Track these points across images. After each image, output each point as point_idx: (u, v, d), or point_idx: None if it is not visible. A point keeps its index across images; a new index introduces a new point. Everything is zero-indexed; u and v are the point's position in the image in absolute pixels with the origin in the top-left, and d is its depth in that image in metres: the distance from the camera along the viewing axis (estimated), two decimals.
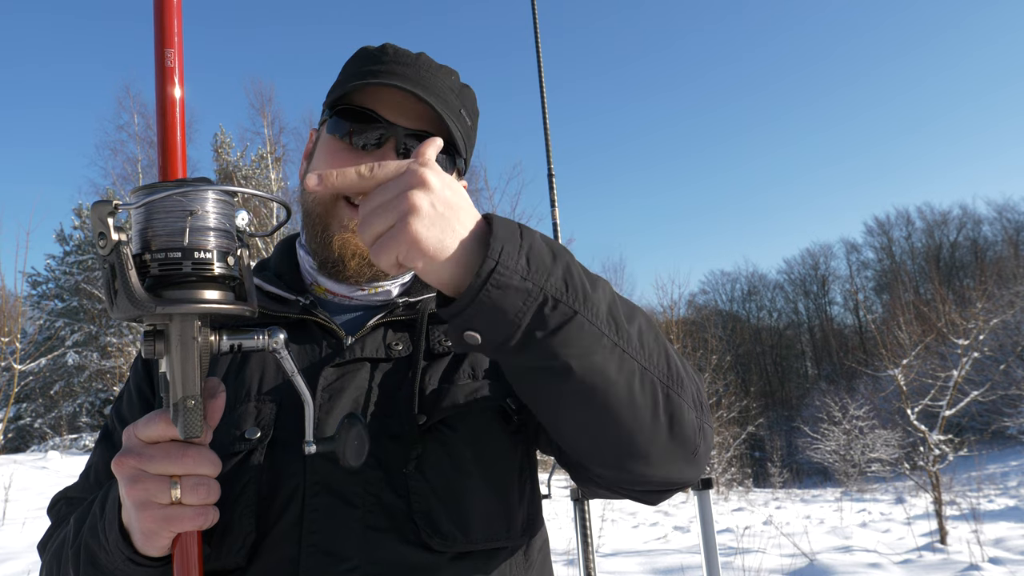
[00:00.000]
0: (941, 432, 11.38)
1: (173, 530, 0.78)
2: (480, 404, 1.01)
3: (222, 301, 0.75)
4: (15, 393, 14.73)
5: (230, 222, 0.77)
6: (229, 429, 0.97)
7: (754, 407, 33.49)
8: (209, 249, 0.74)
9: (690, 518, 15.15)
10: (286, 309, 1.07)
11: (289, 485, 0.94)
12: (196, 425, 0.76)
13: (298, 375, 0.84)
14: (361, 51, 1.13)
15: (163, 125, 0.77)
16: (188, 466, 0.77)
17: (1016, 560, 7.85)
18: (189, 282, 0.73)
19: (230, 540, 0.91)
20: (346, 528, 0.92)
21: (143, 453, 0.78)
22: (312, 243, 1.10)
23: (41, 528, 7.86)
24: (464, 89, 1.14)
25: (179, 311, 0.73)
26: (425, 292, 1.12)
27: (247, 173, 30.35)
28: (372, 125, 1.05)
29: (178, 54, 0.77)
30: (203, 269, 0.74)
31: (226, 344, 0.79)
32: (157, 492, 0.77)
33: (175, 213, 0.73)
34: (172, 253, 0.72)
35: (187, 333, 0.75)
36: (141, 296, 0.71)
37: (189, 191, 0.73)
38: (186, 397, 0.75)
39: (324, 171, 0.73)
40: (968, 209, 64.04)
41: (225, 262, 0.75)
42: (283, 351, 0.82)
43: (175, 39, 0.77)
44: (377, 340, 1.06)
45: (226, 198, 0.76)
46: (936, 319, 15.01)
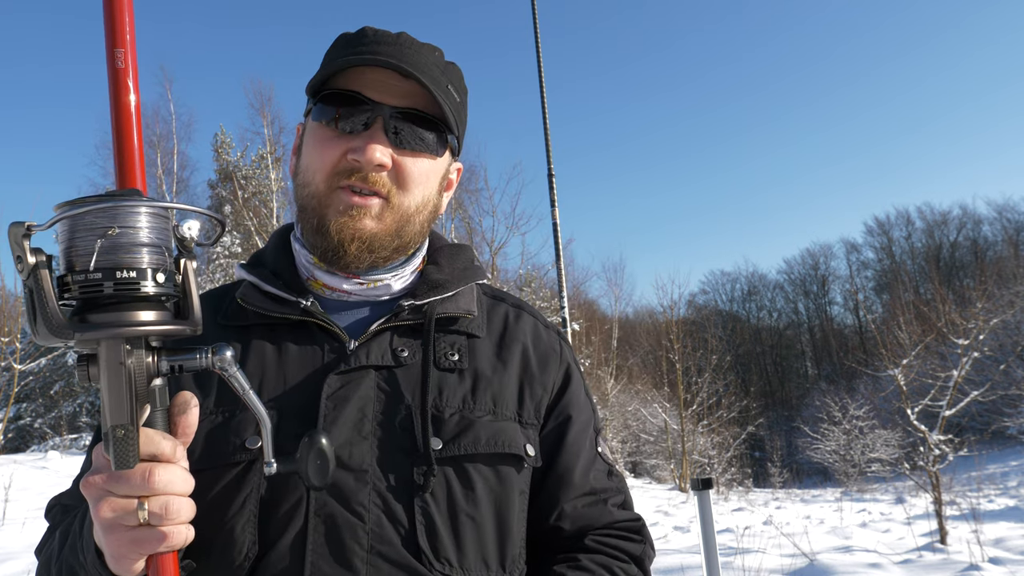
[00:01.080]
0: (941, 432, 11.37)
1: (142, 553, 0.75)
2: (501, 444, 1.00)
3: (153, 322, 0.71)
4: (15, 393, 14.72)
5: (163, 235, 0.73)
6: (229, 438, 0.94)
7: (754, 407, 33.52)
8: (136, 267, 0.69)
9: (690, 518, 15.14)
10: (286, 310, 1.03)
11: (292, 497, 0.91)
12: (126, 456, 0.71)
13: (250, 392, 0.81)
14: (340, 37, 1.10)
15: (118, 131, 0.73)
16: (156, 487, 0.73)
17: (1016, 560, 7.85)
18: (114, 304, 0.69)
19: (232, 553, 0.89)
20: (350, 544, 0.90)
21: (109, 474, 0.74)
22: (309, 235, 1.06)
23: (41, 528, 7.83)
24: (450, 66, 1.10)
25: (100, 336, 0.69)
26: (432, 294, 1.08)
27: (247, 173, 30.34)
28: (358, 107, 1.01)
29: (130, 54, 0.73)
30: (129, 289, 0.69)
31: (165, 366, 0.75)
32: (124, 515, 0.74)
33: (94, 230, 0.68)
34: (92, 275, 0.68)
35: (113, 358, 0.71)
36: (59, 322, 0.67)
37: (110, 206, 0.68)
38: (115, 426, 0.71)
39: None
40: (968, 209, 64.01)
41: (155, 280, 0.71)
42: (230, 368, 0.78)
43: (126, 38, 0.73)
44: (383, 346, 1.02)
45: (159, 211, 0.72)
46: (936, 319, 15.01)
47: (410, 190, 1.04)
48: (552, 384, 1.11)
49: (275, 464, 0.81)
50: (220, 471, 0.93)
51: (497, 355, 1.09)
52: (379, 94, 1.01)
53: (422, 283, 1.10)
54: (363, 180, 1.01)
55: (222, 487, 0.92)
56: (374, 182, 1.01)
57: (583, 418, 1.13)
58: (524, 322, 1.16)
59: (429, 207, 1.09)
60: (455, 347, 1.06)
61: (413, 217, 1.06)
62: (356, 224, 1.01)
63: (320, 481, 0.81)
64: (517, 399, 1.06)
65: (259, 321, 1.05)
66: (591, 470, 1.11)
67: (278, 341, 1.03)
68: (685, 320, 36.87)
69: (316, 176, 1.03)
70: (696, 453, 26.78)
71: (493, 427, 1.00)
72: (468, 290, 1.13)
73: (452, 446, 0.97)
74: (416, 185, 1.05)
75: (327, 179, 1.02)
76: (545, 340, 1.15)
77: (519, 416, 1.05)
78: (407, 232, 1.06)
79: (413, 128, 1.03)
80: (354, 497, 0.91)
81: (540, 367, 1.11)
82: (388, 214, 1.03)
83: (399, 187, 1.03)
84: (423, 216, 1.08)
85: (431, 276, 1.11)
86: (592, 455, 1.12)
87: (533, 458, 1.04)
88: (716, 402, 28.84)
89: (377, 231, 1.02)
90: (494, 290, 1.22)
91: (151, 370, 0.74)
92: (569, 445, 1.09)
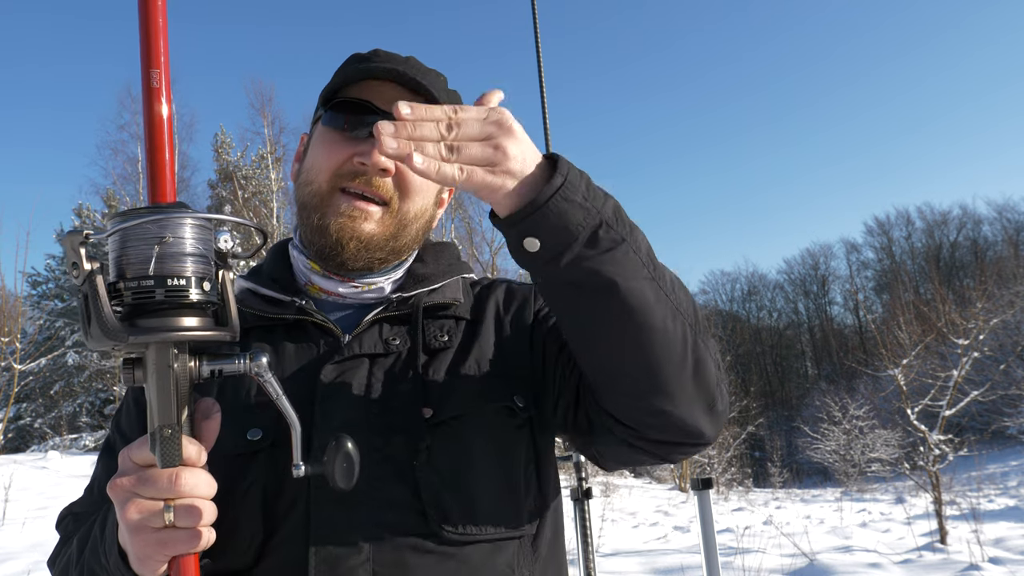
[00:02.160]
0: (941, 432, 11.37)
1: (167, 554, 0.78)
2: (488, 399, 1.02)
3: (199, 328, 0.75)
4: (15, 393, 14.72)
5: (207, 246, 0.77)
6: (234, 429, 0.97)
7: (754, 407, 33.46)
8: (184, 276, 0.73)
9: (690, 518, 15.14)
10: (281, 311, 1.07)
11: (295, 484, 0.93)
12: (173, 455, 0.75)
13: (283, 398, 0.84)
14: (352, 55, 1.15)
15: (151, 147, 0.76)
16: (182, 490, 0.76)
17: (1016, 560, 7.85)
18: (163, 310, 0.73)
19: (237, 540, 0.91)
20: (353, 524, 0.92)
21: (137, 476, 0.77)
22: (308, 234, 1.09)
23: (41, 528, 7.85)
24: (453, 93, 1.15)
25: (152, 340, 0.72)
26: (418, 287, 1.12)
27: (247, 173, 30.34)
28: (367, 115, 1.04)
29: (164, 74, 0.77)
30: (178, 296, 0.73)
31: (206, 370, 0.78)
32: (151, 516, 0.76)
33: (147, 240, 0.72)
34: (145, 281, 0.72)
35: (162, 361, 0.75)
36: (114, 326, 0.70)
37: (162, 218, 0.73)
38: (163, 426, 0.75)
39: (411, 104, 0.76)
40: (968, 209, 64.11)
41: (201, 288, 0.75)
42: (266, 374, 0.82)
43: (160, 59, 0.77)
44: (374, 336, 1.06)
45: (204, 223, 0.76)
46: (936, 319, 15.01)
47: (411, 197, 1.08)
48: (531, 311, 1.14)
49: (303, 466, 0.84)
50: (224, 461, 0.94)
51: (481, 326, 1.11)
52: (388, 105, 1.04)
53: (409, 278, 1.15)
54: (367, 184, 1.05)
55: (224, 477, 0.93)
56: (378, 187, 1.05)
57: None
58: (497, 286, 1.20)
59: (426, 216, 1.13)
60: (444, 329, 1.09)
61: (411, 224, 1.10)
62: (355, 225, 1.05)
63: (346, 483, 0.84)
64: (500, 354, 1.08)
65: (257, 323, 1.07)
66: None
67: (276, 341, 1.06)
68: None
69: (320, 175, 1.07)
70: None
71: (479, 385, 1.03)
72: (454, 282, 1.17)
73: (442, 411, 0.99)
74: (417, 193, 1.09)
75: (331, 179, 1.06)
76: (517, 291, 1.18)
77: (504, 369, 1.07)
78: (404, 236, 1.10)
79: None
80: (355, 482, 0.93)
81: (517, 310, 1.14)
82: (388, 218, 1.07)
83: (401, 194, 1.07)
84: (419, 224, 1.12)
85: (417, 271, 1.16)
86: None
87: (524, 408, 1.05)
88: None
89: (376, 233, 1.06)
90: (482, 281, 1.25)
91: (193, 374, 0.78)
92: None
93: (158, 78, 0.76)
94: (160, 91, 0.76)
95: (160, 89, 0.76)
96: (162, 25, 0.77)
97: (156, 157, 0.77)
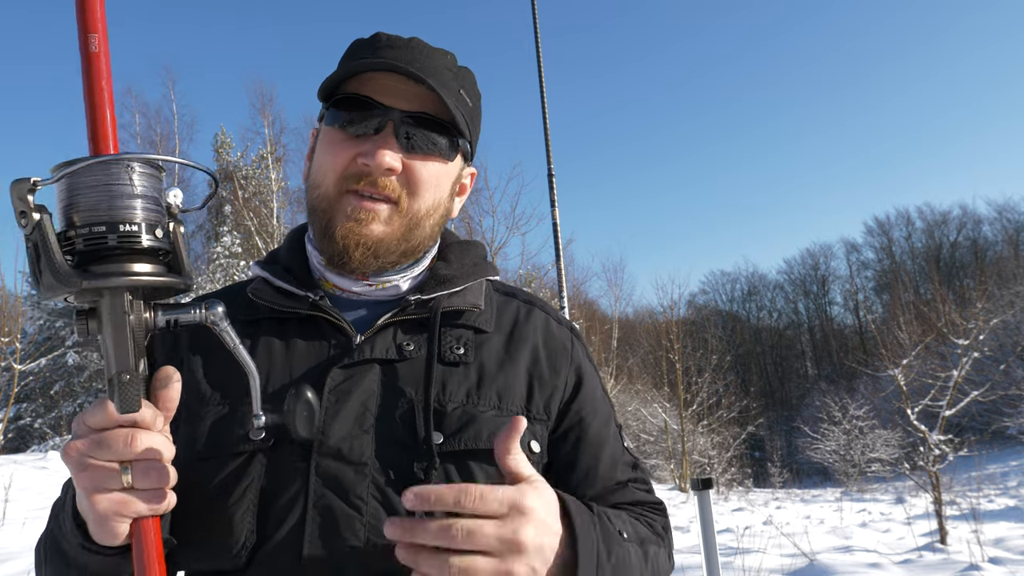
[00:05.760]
0: (941, 432, 11.36)
1: (126, 515, 0.76)
2: None
3: (153, 273, 0.73)
4: (15, 393, 14.72)
5: (158, 194, 0.75)
6: (233, 428, 0.95)
7: (754, 407, 33.46)
8: (135, 221, 0.72)
9: (690, 518, 15.13)
10: (295, 304, 1.04)
11: (292, 488, 0.92)
12: (133, 399, 0.73)
13: (240, 347, 0.83)
14: (354, 43, 1.10)
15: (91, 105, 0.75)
16: (138, 451, 0.74)
17: (1016, 560, 7.85)
18: (116, 256, 0.72)
19: (230, 541, 0.90)
20: (347, 536, 0.90)
21: (90, 439, 0.76)
22: (318, 239, 1.07)
23: (41, 528, 7.83)
24: (462, 70, 1.09)
25: (107, 285, 0.71)
26: (439, 289, 1.08)
27: (247, 173, 30.36)
28: (369, 112, 1.01)
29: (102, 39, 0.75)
30: (130, 242, 0.72)
31: (162, 320, 0.77)
32: (106, 478, 0.75)
33: (97, 187, 0.71)
34: (96, 227, 0.71)
35: (118, 308, 0.73)
36: (66, 272, 0.69)
37: (109, 161, 0.71)
38: (120, 371, 0.73)
39: (419, 492, 0.76)
40: (968, 209, 64.01)
41: (153, 234, 0.73)
42: (221, 323, 0.80)
43: (98, 24, 0.75)
44: (387, 340, 1.02)
45: (152, 171, 0.75)
46: (936, 319, 15.02)
47: (420, 194, 1.04)
48: (564, 383, 1.10)
49: (263, 416, 0.83)
50: (223, 460, 0.93)
51: (505, 350, 1.07)
52: (390, 98, 1.01)
53: (430, 279, 1.10)
54: (372, 185, 1.01)
55: (224, 476, 0.93)
56: (384, 186, 1.01)
57: (602, 413, 1.12)
58: (535, 318, 1.14)
59: (440, 211, 1.09)
60: (461, 341, 1.05)
61: (423, 221, 1.06)
62: (362, 229, 1.01)
63: (307, 432, 0.83)
64: (526, 394, 1.05)
65: (269, 315, 1.05)
66: (617, 464, 1.10)
67: (286, 335, 1.04)
68: (685, 320, 36.87)
69: (327, 179, 1.04)
70: (696, 453, 26.78)
71: (496, 422, 0.99)
72: (476, 285, 1.13)
73: (453, 440, 0.96)
74: (426, 189, 1.04)
75: (337, 182, 1.02)
76: (557, 337, 1.14)
77: (527, 410, 1.04)
78: (415, 236, 1.06)
79: (424, 132, 1.03)
80: (353, 490, 0.92)
81: (550, 365, 1.09)
82: (397, 218, 1.03)
83: (409, 191, 1.03)
84: (433, 220, 1.08)
85: (439, 272, 1.11)
86: (617, 449, 1.12)
87: (538, 455, 1.03)
88: (716, 402, 28.84)
89: (384, 236, 1.02)
90: (506, 286, 1.21)
91: (149, 324, 0.76)
92: (591, 441, 1.08)
93: (96, 42, 0.75)
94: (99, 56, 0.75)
95: (99, 54, 0.75)
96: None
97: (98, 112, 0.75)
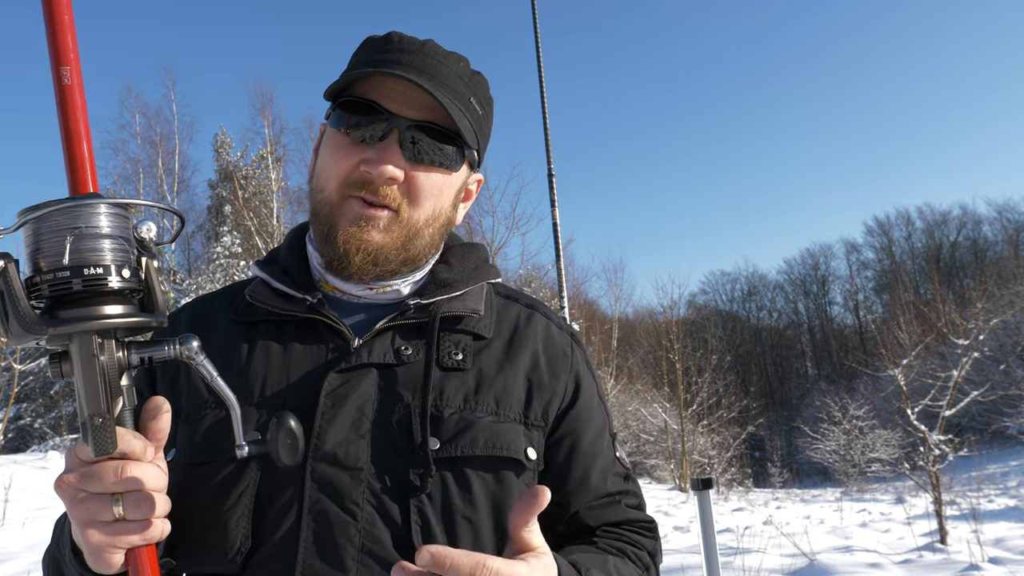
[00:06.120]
0: (941, 432, 11.36)
1: (119, 547, 0.76)
2: (502, 447, 0.99)
3: (123, 315, 0.73)
4: (15, 393, 14.72)
5: (125, 233, 0.76)
6: (229, 433, 0.94)
7: (754, 407, 33.48)
8: (102, 264, 0.72)
9: (690, 518, 15.14)
10: (293, 307, 1.04)
11: (287, 493, 0.92)
12: (106, 443, 0.73)
13: (218, 379, 0.83)
14: (367, 40, 1.09)
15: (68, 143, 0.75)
16: (129, 483, 0.75)
17: (1016, 560, 7.85)
18: (83, 299, 0.72)
19: (225, 547, 0.91)
20: (342, 541, 0.90)
21: (81, 472, 0.76)
22: (319, 242, 1.06)
23: (41, 528, 7.85)
24: (475, 76, 1.08)
25: (71, 330, 0.71)
26: (439, 293, 1.07)
27: (247, 173, 30.34)
28: (375, 117, 1.00)
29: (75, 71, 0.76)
30: (96, 284, 0.72)
31: (135, 358, 0.77)
32: (99, 510, 0.75)
33: (59, 231, 0.71)
34: (60, 273, 0.71)
35: (86, 351, 0.73)
36: (31, 319, 0.69)
37: (72, 207, 0.71)
38: (92, 415, 0.73)
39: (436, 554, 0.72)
40: (968, 209, 63.98)
41: (121, 275, 0.73)
42: (197, 357, 0.81)
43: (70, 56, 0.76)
44: (385, 344, 1.02)
45: (119, 210, 0.75)
46: (936, 319, 15.03)
47: (420, 204, 1.03)
48: (564, 390, 1.09)
49: (246, 446, 0.83)
50: (219, 465, 0.94)
51: (505, 355, 1.07)
52: (397, 105, 1.00)
53: (431, 282, 1.10)
54: (374, 193, 1.00)
55: (219, 481, 0.93)
56: (385, 195, 1.00)
57: (597, 423, 1.11)
58: (536, 323, 1.14)
59: (441, 220, 1.08)
60: (460, 346, 1.04)
61: (422, 231, 1.05)
62: (363, 235, 1.00)
63: (291, 459, 0.83)
64: (524, 400, 1.05)
65: (267, 317, 1.05)
66: (608, 475, 1.10)
67: (284, 338, 1.03)
68: (685, 320, 36.89)
69: (329, 183, 1.03)
70: (696, 453, 26.79)
71: (493, 428, 0.99)
72: (477, 289, 1.12)
73: (449, 447, 0.96)
74: (427, 199, 1.03)
75: (339, 188, 1.02)
76: (557, 343, 1.13)
77: (524, 417, 1.03)
78: (415, 246, 1.05)
79: (429, 141, 1.01)
80: (348, 496, 0.92)
81: (550, 371, 1.09)
82: (396, 227, 1.02)
83: (410, 201, 1.02)
84: (433, 229, 1.07)
85: (440, 275, 1.10)
86: (610, 459, 1.11)
87: (535, 462, 1.02)
88: (716, 402, 28.85)
89: (383, 244, 1.02)
90: (508, 290, 1.20)
91: (122, 363, 0.76)
92: (584, 451, 1.08)
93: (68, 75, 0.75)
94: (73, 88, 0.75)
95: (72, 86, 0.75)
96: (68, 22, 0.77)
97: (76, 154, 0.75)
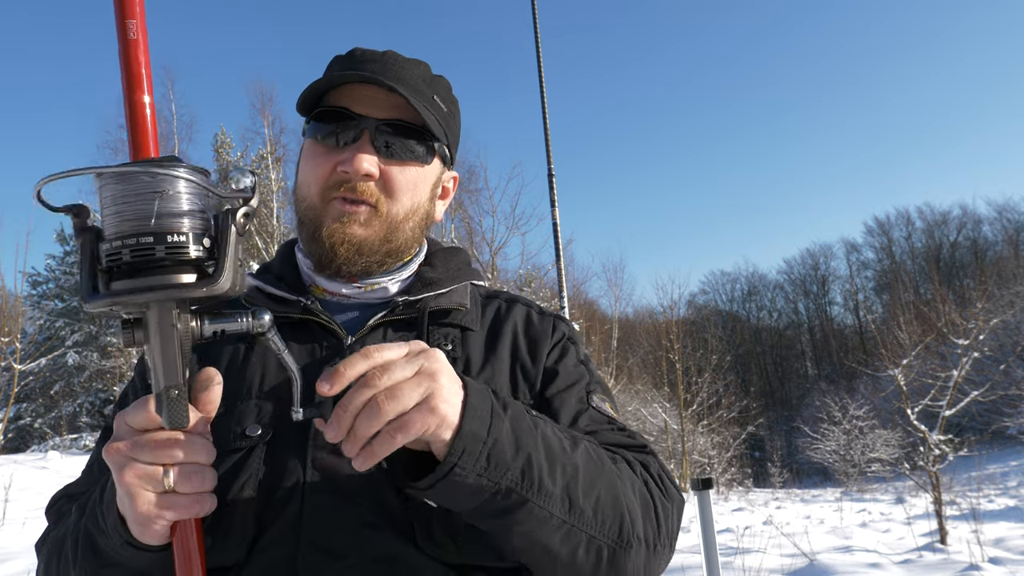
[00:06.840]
0: (941, 432, 11.36)
1: (167, 518, 0.77)
2: None
3: (201, 284, 0.72)
4: (15, 393, 14.72)
5: (204, 201, 0.74)
6: (231, 426, 0.97)
7: (754, 407, 33.48)
8: (182, 232, 0.70)
9: (690, 518, 15.13)
10: (288, 310, 1.08)
11: (289, 482, 0.94)
12: (181, 416, 0.73)
13: (286, 353, 0.84)
14: (332, 60, 1.17)
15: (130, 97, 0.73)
16: (179, 455, 0.75)
17: (1016, 560, 7.85)
18: (163, 267, 0.70)
19: (231, 534, 0.92)
20: (344, 525, 0.92)
21: (133, 441, 0.76)
22: (306, 244, 1.12)
23: (41, 528, 7.83)
24: (436, 78, 1.15)
25: (152, 298, 0.70)
26: (426, 290, 1.13)
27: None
28: (345, 122, 1.07)
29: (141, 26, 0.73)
30: (178, 253, 0.70)
31: (208, 330, 0.76)
32: (148, 480, 0.75)
33: (144, 196, 0.69)
34: (144, 238, 0.69)
35: (165, 320, 0.72)
36: (114, 286, 0.69)
37: (158, 172, 0.69)
38: (168, 387, 0.72)
39: (333, 375, 0.75)
40: (968, 209, 64.04)
41: (201, 244, 0.72)
42: (269, 332, 0.80)
43: (136, 9, 0.73)
44: (377, 340, 1.06)
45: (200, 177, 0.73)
46: (936, 319, 15.01)
47: (398, 198, 1.09)
48: (544, 359, 1.12)
49: (302, 410, 0.84)
50: (221, 457, 0.94)
51: (489, 344, 1.11)
52: (365, 108, 1.07)
53: (417, 282, 1.15)
54: (352, 191, 1.06)
55: (222, 472, 0.94)
56: (362, 191, 1.07)
57: (569, 376, 1.10)
58: (516, 311, 1.18)
59: (419, 213, 1.14)
60: (449, 339, 1.09)
61: (402, 224, 1.11)
62: (345, 230, 1.06)
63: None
64: (509, 382, 1.08)
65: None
66: (580, 418, 1.07)
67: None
68: (685, 320, 36.87)
69: (311, 190, 1.10)
70: (696, 453, 26.78)
71: None
72: (462, 288, 1.17)
73: None
74: (403, 193, 1.10)
75: (320, 192, 1.08)
76: (537, 324, 1.17)
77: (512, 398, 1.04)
78: (396, 238, 1.11)
79: (399, 139, 1.08)
80: (349, 482, 0.94)
81: (531, 349, 1.12)
82: (376, 221, 1.08)
83: (387, 195, 1.08)
84: (413, 222, 1.13)
85: (426, 275, 1.16)
86: (581, 407, 1.08)
87: None
88: (716, 402, 28.84)
89: (365, 236, 1.07)
90: (490, 290, 1.25)
91: (195, 334, 0.75)
92: (551, 400, 1.07)
93: (135, 29, 0.73)
94: (137, 43, 0.73)
95: (138, 41, 0.73)
96: None
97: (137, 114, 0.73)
